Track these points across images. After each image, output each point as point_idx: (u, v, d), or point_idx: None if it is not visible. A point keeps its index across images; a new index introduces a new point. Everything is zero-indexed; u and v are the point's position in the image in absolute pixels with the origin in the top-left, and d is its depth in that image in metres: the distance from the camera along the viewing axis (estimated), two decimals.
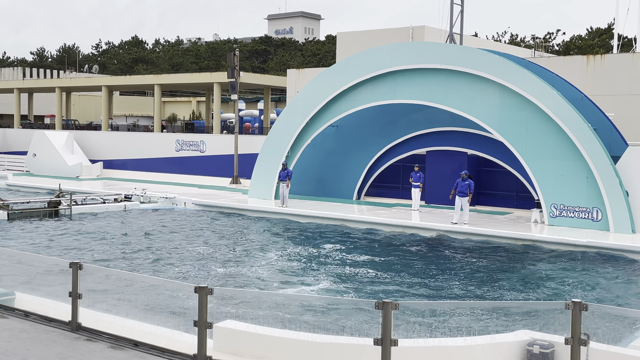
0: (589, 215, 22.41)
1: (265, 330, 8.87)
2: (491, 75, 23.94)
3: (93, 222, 24.61)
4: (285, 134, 29.30)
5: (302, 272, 16.71)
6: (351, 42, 39.19)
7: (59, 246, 19.69)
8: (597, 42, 74.11)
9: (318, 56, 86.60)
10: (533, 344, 8.35)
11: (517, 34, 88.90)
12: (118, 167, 43.95)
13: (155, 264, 17.44)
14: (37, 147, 44.02)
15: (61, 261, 10.73)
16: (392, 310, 7.42)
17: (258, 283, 15.52)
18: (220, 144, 39.88)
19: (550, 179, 23.08)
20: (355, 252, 19.42)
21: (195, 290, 8.24)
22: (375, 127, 29.60)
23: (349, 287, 15.35)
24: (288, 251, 19.53)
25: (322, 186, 30.73)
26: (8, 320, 9.82)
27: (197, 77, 49.52)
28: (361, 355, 8.12)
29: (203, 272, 16.49)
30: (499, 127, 24.12)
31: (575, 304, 7.49)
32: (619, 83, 28.91)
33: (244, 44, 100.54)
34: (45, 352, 8.52)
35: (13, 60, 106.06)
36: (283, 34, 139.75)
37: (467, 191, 22.89)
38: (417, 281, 16.02)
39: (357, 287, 15.29)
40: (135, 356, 8.47)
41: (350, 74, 27.33)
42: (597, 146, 21.97)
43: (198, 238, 21.58)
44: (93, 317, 9.69)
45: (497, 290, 15.30)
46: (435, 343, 8.63)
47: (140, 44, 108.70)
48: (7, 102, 65.85)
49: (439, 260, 18.77)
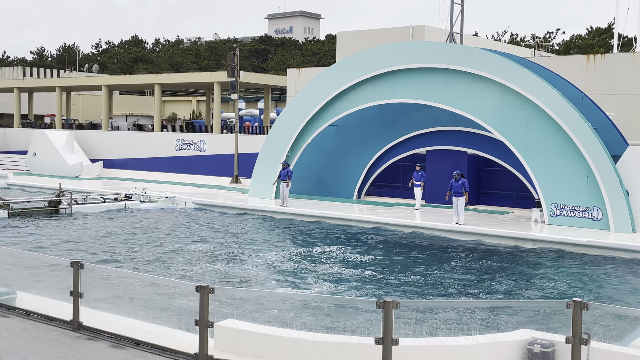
0: (589, 215, 22.42)
1: (267, 329, 8.87)
2: (491, 74, 23.94)
3: (93, 221, 24.62)
4: (286, 133, 29.31)
5: (303, 271, 16.72)
6: (351, 42, 39.16)
7: (60, 245, 19.69)
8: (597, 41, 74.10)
9: (318, 56, 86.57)
10: (534, 343, 8.35)
11: (517, 34, 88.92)
12: (118, 167, 43.96)
13: (156, 263, 17.45)
14: (38, 146, 44.02)
15: (62, 260, 10.74)
16: (393, 309, 7.42)
17: (259, 282, 15.53)
18: (221, 143, 39.88)
19: (551, 178, 23.08)
20: (355, 251, 19.42)
21: (196, 289, 8.25)
22: (375, 127, 29.60)
23: (350, 286, 15.36)
24: (289, 250, 19.53)
25: (323, 185, 30.73)
26: (9, 319, 9.82)
27: (197, 77, 49.50)
28: (362, 354, 8.12)
29: (203, 271, 16.50)
30: (500, 126, 24.12)
31: (576, 303, 7.49)
32: (619, 82, 28.90)
33: (244, 44, 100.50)
34: (46, 351, 8.53)
35: (13, 59, 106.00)
36: (283, 33, 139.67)
37: (462, 191, 22.88)
38: (417, 280, 16.02)
39: (358, 286, 15.30)
40: (137, 355, 8.47)
41: (351, 74, 27.33)
42: (598, 145, 21.98)
43: (198, 237, 21.58)
44: (94, 316, 9.69)
45: (498, 290, 15.30)
46: (436, 342, 8.63)
47: (140, 44, 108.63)
48: (7, 102, 65.81)
49: (439, 259, 18.77)
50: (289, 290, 14.72)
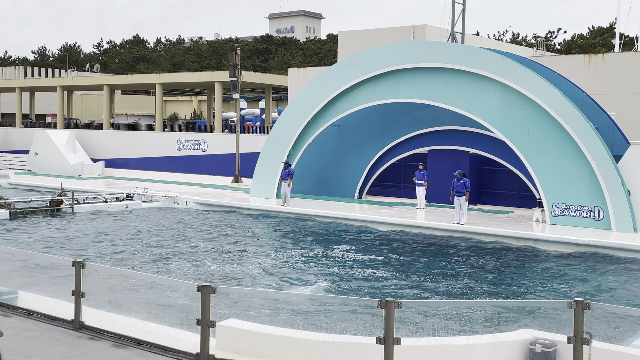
0: (591, 214, 22.40)
1: (268, 329, 8.88)
2: (493, 74, 23.93)
3: (95, 221, 24.63)
4: (287, 133, 29.31)
5: (304, 271, 16.71)
6: (352, 41, 39.16)
7: (61, 245, 19.71)
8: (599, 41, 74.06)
9: (319, 55, 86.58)
10: (535, 342, 8.35)
11: (518, 33, 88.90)
12: (120, 166, 43.99)
13: (158, 262, 17.45)
14: (39, 146, 44.05)
15: (64, 260, 10.75)
16: (394, 309, 7.43)
17: (260, 282, 15.53)
18: (222, 143, 39.89)
19: (552, 178, 23.07)
20: (356, 250, 19.42)
21: (198, 289, 8.25)
22: (376, 126, 29.60)
23: (351, 285, 15.36)
24: (290, 250, 19.53)
25: (324, 185, 30.73)
26: (11, 319, 9.84)
27: (199, 76, 49.52)
28: (364, 354, 8.12)
29: (205, 270, 16.50)
30: (501, 126, 24.11)
31: (578, 303, 7.50)
32: (621, 82, 28.87)
33: (245, 43, 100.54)
34: (48, 350, 8.53)
35: (15, 59, 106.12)
36: (284, 33, 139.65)
37: (463, 190, 22.85)
38: (419, 280, 16.02)
39: (360, 286, 15.30)
40: (138, 355, 8.48)
41: (352, 73, 27.32)
42: (599, 145, 21.96)
43: (200, 237, 21.59)
44: (96, 315, 9.70)
45: (499, 289, 15.29)
46: (437, 342, 8.63)
47: (141, 43, 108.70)
48: (9, 101, 65.90)
49: (440, 259, 18.76)
50: (290, 290, 14.71)
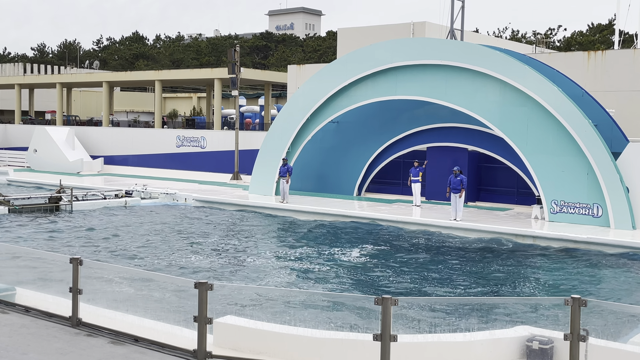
0: (590, 212, 22.41)
1: (265, 325, 8.89)
2: (492, 71, 23.92)
3: (94, 218, 24.63)
4: (286, 130, 29.29)
5: (302, 268, 16.73)
6: (352, 38, 39.11)
7: (60, 242, 19.71)
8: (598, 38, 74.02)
9: (319, 52, 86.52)
10: (532, 339, 8.37)
11: (518, 30, 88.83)
12: (119, 163, 43.97)
13: (156, 259, 17.46)
14: (38, 143, 44.03)
15: (62, 257, 10.75)
16: (391, 305, 7.43)
17: (258, 278, 15.54)
18: (221, 140, 39.86)
19: (551, 175, 23.07)
20: (354, 247, 19.43)
21: (195, 285, 8.25)
22: (375, 123, 29.59)
23: (349, 282, 15.37)
24: (288, 247, 19.54)
25: (323, 182, 30.73)
26: (8, 315, 9.84)
27: (198, 73, 49.45)
28: (361, 350, 8.13)
29: (203, 267, 16.51)
30: (500, 123, 24.11)
31: (575, 299, 7.50)
32: (620, 79, 28.86)
33: (245, 40, 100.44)
34: (45, 347, 8.54)
35: (14, 56, 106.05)
36: (284, 29, 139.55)
37: (459, 187, 22.84)
38: (416, 277, 16.03)
39: (357, 283, 15.31)
40: (136, 351, 8.49)
41: (351, 70, 27.31)
42: (598, 142, 21.96)
43: (198, 234, 21.59)
44: (93, 312, 9.71)
45: (497, 286, 15.31)
46: (434, 339, 8.64)
47: (140, 40, 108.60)
48: (8, 98, 65.84)
49: (438, 256, 18.78)
50: (288, 287, 14.72)
